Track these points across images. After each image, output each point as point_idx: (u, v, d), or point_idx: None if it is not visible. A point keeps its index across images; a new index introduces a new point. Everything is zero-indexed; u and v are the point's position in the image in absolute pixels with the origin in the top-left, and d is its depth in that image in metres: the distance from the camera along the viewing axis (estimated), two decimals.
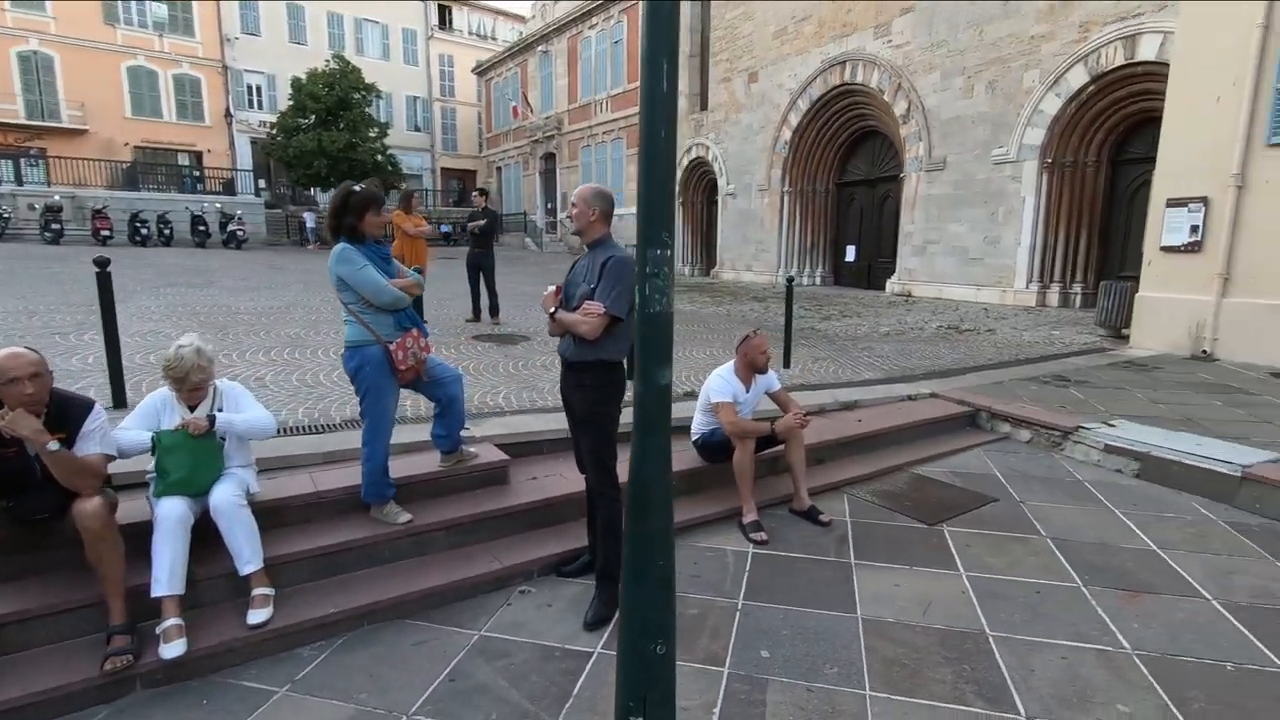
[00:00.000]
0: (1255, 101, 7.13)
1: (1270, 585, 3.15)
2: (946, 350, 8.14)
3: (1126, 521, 3.84)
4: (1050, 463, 4.81)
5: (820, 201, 17.74)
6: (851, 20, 15.26)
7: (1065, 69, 11.22)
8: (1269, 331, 7.13)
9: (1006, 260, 12.48)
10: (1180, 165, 7.82)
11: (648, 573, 1.82)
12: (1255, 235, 7.24)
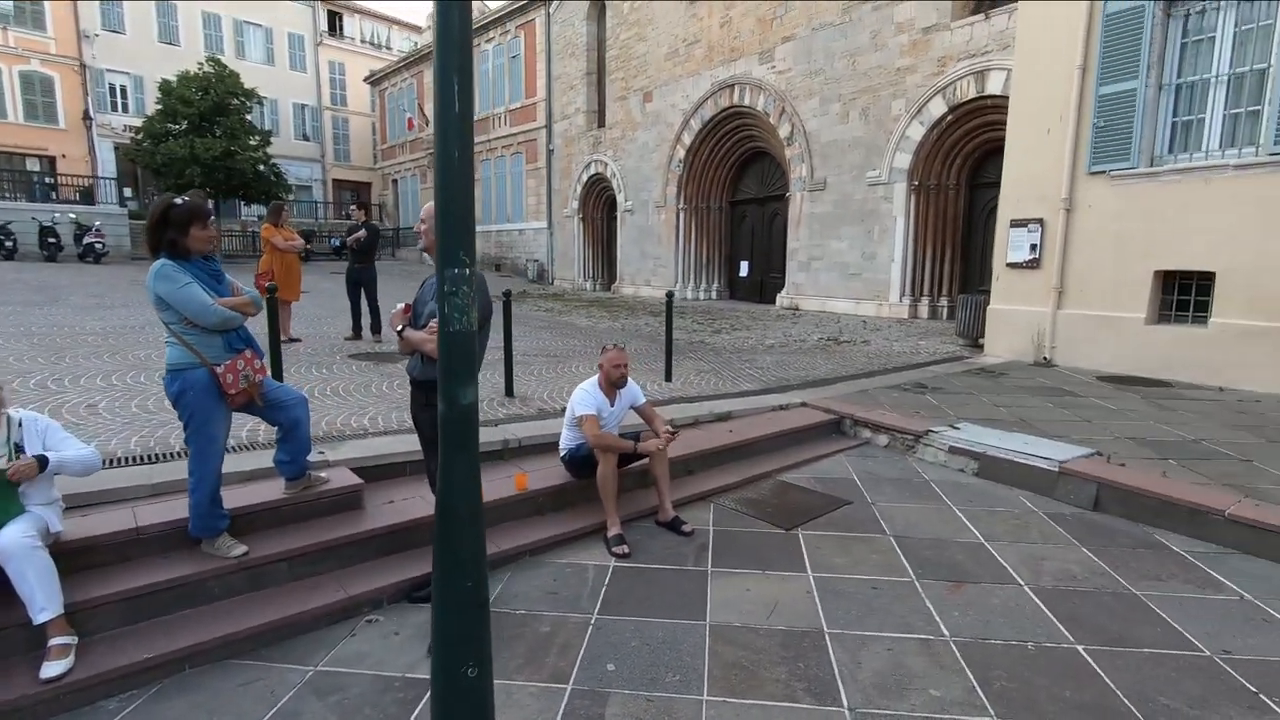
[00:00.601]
0: (1078, 134, 7.99)
1: (1073, 569, 3.50)
2: (823, 361, 8.56)
3: (961, 517, 4.16)
4: (903, 465, 5.14)
5: (714, 218, 18.30)
6: (738, 46, 15.91)
7: (927, 99, 12.16)
8: (1095, 339, 7.96)
9: (882, 275, 13.30)
10: (1020, 190, 8.63)
11: (457, 595, 1.79)
12: (1081, 253, 8.08)
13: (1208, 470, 4.44)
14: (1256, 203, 6.73)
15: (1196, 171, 7.15)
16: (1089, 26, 7.80)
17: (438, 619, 1.82)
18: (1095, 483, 4.27)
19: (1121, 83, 7.60)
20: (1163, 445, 4.98)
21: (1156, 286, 7.56)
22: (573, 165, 22.39)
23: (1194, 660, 2.72)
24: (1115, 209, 7.76)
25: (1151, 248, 7.50)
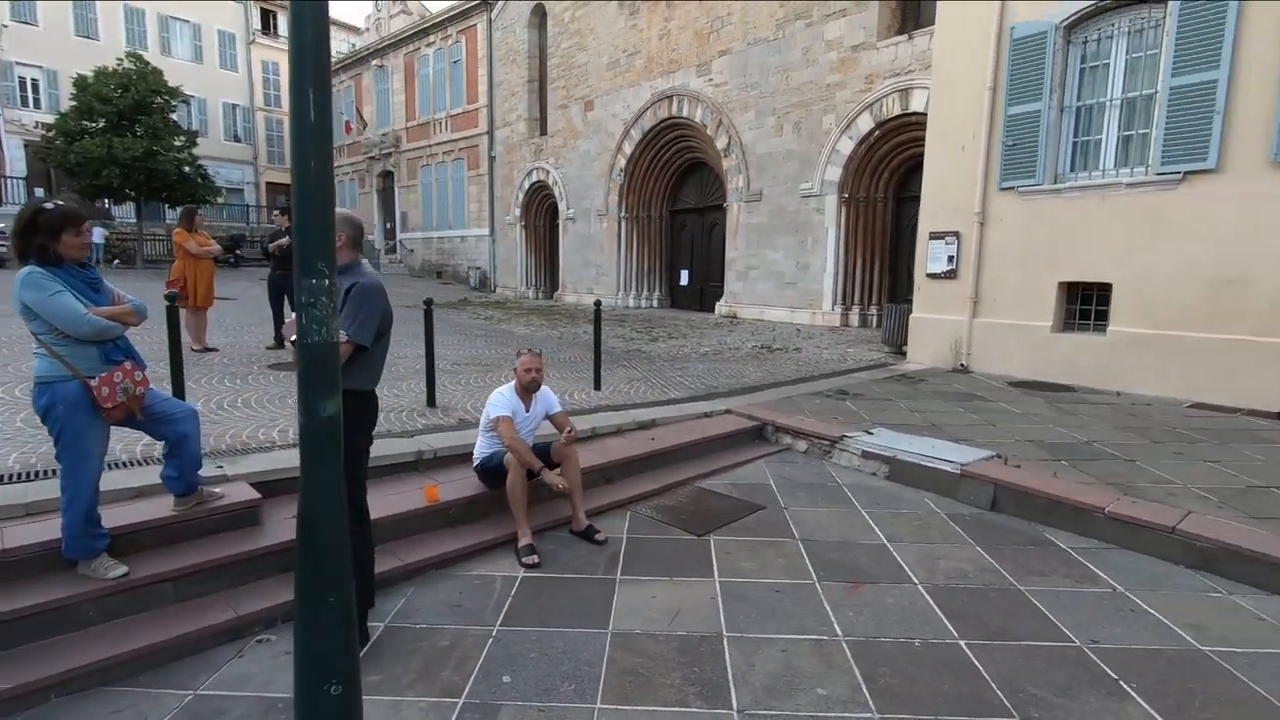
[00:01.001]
0: (989, 152, 8.40)
1: (965, 567, 3.66)
2: (754, 368, 8.72)
3: (868, 519, 4.30)
4: (819, 470, 5.28)
5: (655, 227, 18.45)
6: (677, 58, 16.14)
7: (856, 115, 12.57)
8: (1007, 346, 8.35)
9: (815, 285, 13.66)
10: (938, 204, 9.01)
11: (319, 612, 1.76)
12: (994, 264, 8.48)
13: (1095, 470, 4.71)
14: (1145, 219, 7.21)
15: (1094, 189, 7.60)
16: (998, 50, 8.23)
17: (298, 636, 1.78)
18: (993, 484, 4.48)
19: (1027, 104, 8.03)
20: (1058, 447, 5.26)
21: (1061, 296, 7.99)
22: (515, 172, 22.25)
23: (1064, 650, 2.87)
24: (1024, 223, 8.18)
25: (1056, 260, 7.93)
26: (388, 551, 3.60)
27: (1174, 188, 7.00)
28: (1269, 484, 4.43)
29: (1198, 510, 3.95)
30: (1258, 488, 4.37)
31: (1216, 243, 6.76)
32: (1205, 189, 6.81)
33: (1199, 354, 6.89)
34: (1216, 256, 6.76)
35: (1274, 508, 4.05)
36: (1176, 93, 6.91)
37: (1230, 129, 6.61)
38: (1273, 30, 6.31)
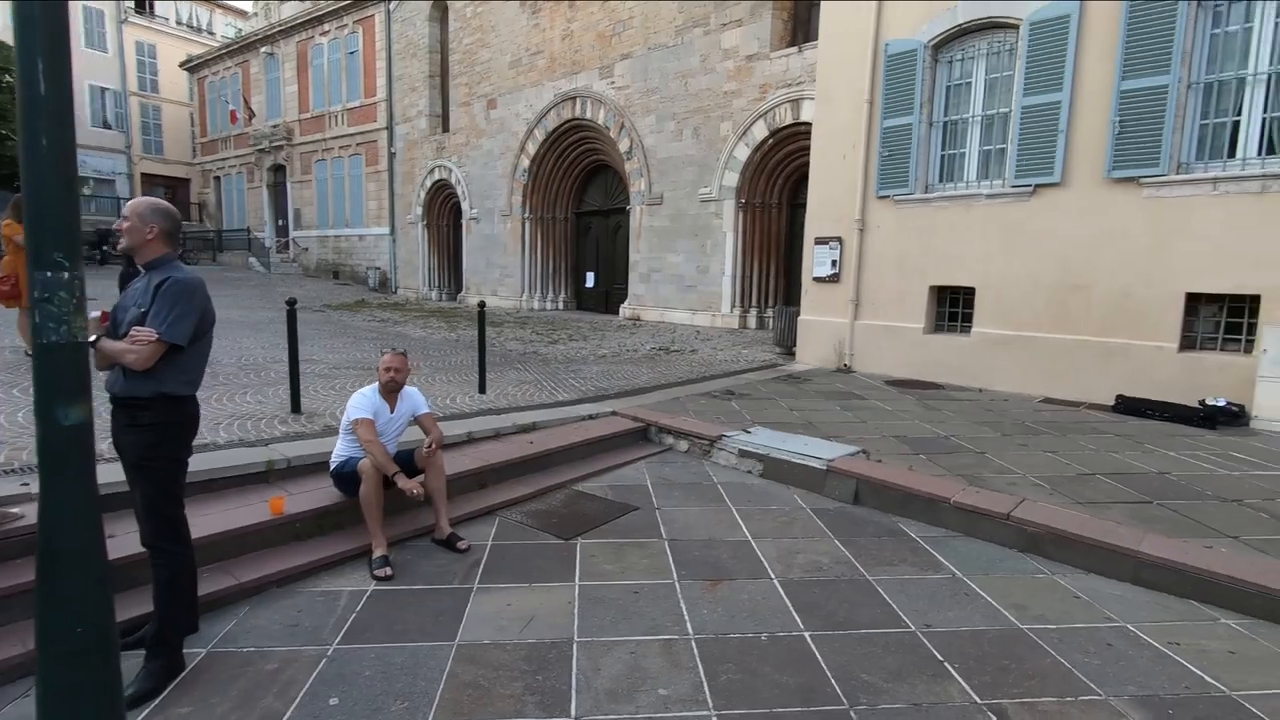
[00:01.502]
0: (868, 161, 8.81)
1: (821, 560, 3.77)
2: (648, 370, 8.77)
3: (736, 517, 4.37)
4: (698, 470, 5.34)
5: (560, 229, 18.31)
6: (579, 60, 16.08)
7: (751, 123, 12.92)
8: (885, 346, 8.78)
9: (715, 287, 13.93)
10: (822, 210, 9.37)
11: (64, 640, 1.57)
12: (873, 269, 8.90)
13: (949, 463, 5.00)
14: (1002, 228, 7.76)
15: (959, 199, 8.12)
16: (874, 66, 8.65)
17: (40, 669, 1.58)
18: (855, 479, 4.66)
19: (901, 118, 8.48)
20: (919, 441, 5.56)
21: (932, 300, 8.49)
22: (416, 170, 21.54)
23: (900, 636, 3.00)
24: (898, 230, 8.63)
25: (927, 265, 8.41)
26: (223, 570, 3.34)
27: (1026, 200, 7.58)
28: (1095, 471, 4.83)
29: (1031, 498, 4.25)
30: (1085, 475, 4.76)
31: (1062, 251, 7.35)
32: (1052, 202, 7.40)
33: (1049, 353, 7.47)
34: (1062, 264, 7.36)
35: (1096, 493, 4.41)
36: (1027, 112, 7.48)
37: (1072, 147, 7.21)
38: (1105, 58, 6.93)
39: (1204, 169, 6.59)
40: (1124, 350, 6.98)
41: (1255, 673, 2.76)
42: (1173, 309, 6.74)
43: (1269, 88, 6.30)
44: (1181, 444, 5.61)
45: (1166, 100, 6.59)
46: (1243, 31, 6.41)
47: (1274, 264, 6.18)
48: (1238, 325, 6.59)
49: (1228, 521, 3.97)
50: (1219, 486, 4.56)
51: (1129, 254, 6.93)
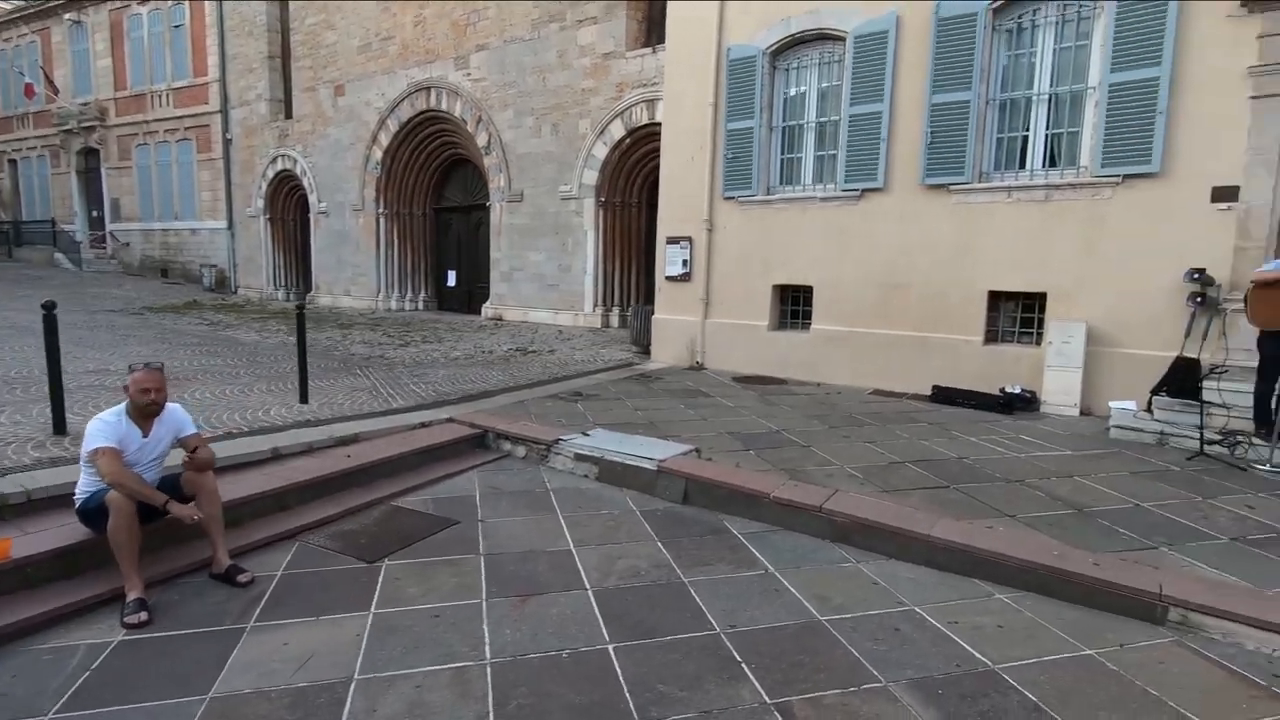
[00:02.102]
0: (714, 163, 9.00)
1: (641, 564, 3.71)
2: (500, 372, 8.47)
3: (563, 525, 4.23)
4: (533, 476, 5.16)
5: (419, 225, 17.46)
6: (433, 48, 15.37)
7: (608, 121, 12.89)
8: (734, 344, 9.02)
9: (577, 286, 13.79)
10: (673, 210, 9.48)
11: None
12: (721, 268, 9.11)
13: (775, 457, 5.14)
14: (835, 230, 8.18)
15: (797, 201, 8.47)
16: (718, 69, 8.84)
17: None
18: (684, 479, 4.67)
19: (743, 121, 8.72)
20: (753, 437, 5.69)
21: (776, 298, 8.81)
22: (256, 158, 19.77)
23: (703, 640, 2.98)
24: (744, 230, 8.88)
25: (770, 265, 8.71)
26: None
27: (855, 203, 8.02)
28: (905, 459, 5.15)
29: (844, 489, 4.44)
30: (896, 463, 5.05)
31: (887, 252, 7.85)
32: (877, 205, 7.88)
33: (877, 348, 7.96)
34: (887, 264, 7.86)
35: (903, 480, 4.68)
36: (854, 120, 7.92)
37: (893, 154, 7.71)
38: (918, 73, 7.45)
39: (1001, 178, 7.26)
40: (939, 344, 7.57)
41: (1016, 645, 2.98)
42: (978, 306, 7.38)
43: (1050, 107, 7.03)
44: (982, 429, 6.13)
45: (969, 114, 7.19)
46: (1029, 56, 7.11)
47: (1056, 265, 6.91)
48: (1031, 320, 7.32)
49: (1009, 502, 4.33)
50: (1006, 469, 4.99)
51: (942, 255, 7.51)
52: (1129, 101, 6.39)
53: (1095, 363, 6.72)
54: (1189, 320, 6.23)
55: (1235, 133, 6.01)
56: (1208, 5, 6.06)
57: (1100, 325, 6.71)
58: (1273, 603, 3.09)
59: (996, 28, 7.16)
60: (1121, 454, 5.43)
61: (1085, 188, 6.71)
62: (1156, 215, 6.39)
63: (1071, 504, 4.31)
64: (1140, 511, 4.21)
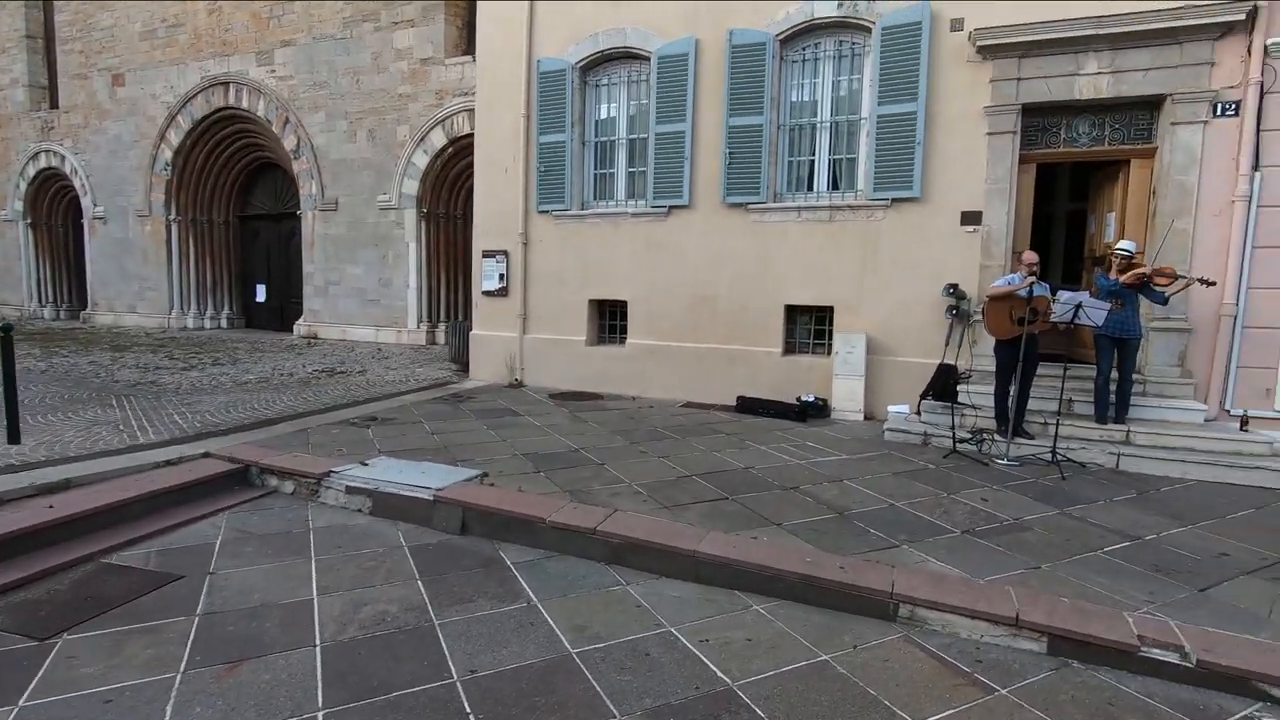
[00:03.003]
0: (528, 176, 8.82)
1: (391, 609, 3.37)
2: (292, 397, 7.70)
3: (313, 570, 3.78)
4: (297, 515, 4.62)
5: (220, 234, 15.75)
6: (231, 40, 13.97)
7: (429, 129, 12.34)
8: (553, 360, 8.85)
9: (399, 302, 13.02)
10: (489, 223, 9.17)
11: None
12: (539, 283, 8.92)
13: (564, 477, 5.00)
14: (646, 245, 8.28)
15: (610, 216, 8.49)
16: (529, 81, 8.69)
17: None
18: (462, 507, 4.38)
19: (555, 134, 8.62)
20: (548, 457, 5.52)
21: (593, 313, 8.76)
22: (12, 153, 16.95)
23: (433, 693, 2.71)
24: (559, 245, 8.76)
25: (586, 280, 8.66)
26: None
27: (664, 219, 8.17)
28: (695, 472, 5.20)
29: (625, 507, 4.37)
30: (684, 477, 5.09)
31: (694, 268, 8.06)
32: (685, 222, 8.08)
33: (688, 361, 8.13)
34: (695, 279, 8.06)
35: (686, 494, 4.71)
36: (660, 138, 8.08)
37: (696, 173, 7.94)
38: (716, 95, 7.74)
39: (792, 198, 7.70)
40: (743, 356, 7.86)
41: (759, 658, 3.00)
42: (777, 319, 7.75)
43: (831, 134, 7.57)
44: (776, 437, 6.39)
45: (762, 138, 7.57)
46: (813, 86, 7.63)
47: (841, 281, 7.42)
48: (823, 332, 7.81)
49: (780, 510, 4.47)
50: (786, 476, 5.19)
51: (743, 271, 7.82)
52: (893, 132, 7.02)
53: (876, 370, 7.27)
54: (948, 330, 6.91)
55: (977, 164, 6.78)
56: (952, 50, 6.80)
57: (879, 335, 7.28)
58: (982, 592, 3.37)
59: (785, 58, 7.61)
60: (890, 455, 5.87)
61: (861, 209, 7.28)
62: (920, 236, 7.06)
63: (835, 508, 4.53)
64: (893, 511, 4.51)
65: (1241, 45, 5.95)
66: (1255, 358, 6.06)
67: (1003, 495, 4.89)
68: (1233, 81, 6.01)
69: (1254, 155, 5.95)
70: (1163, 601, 3.38)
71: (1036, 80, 6.53)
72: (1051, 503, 4.75)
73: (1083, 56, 6.38)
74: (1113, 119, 6.62)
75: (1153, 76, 6.21)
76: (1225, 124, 6.05)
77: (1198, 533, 4.28)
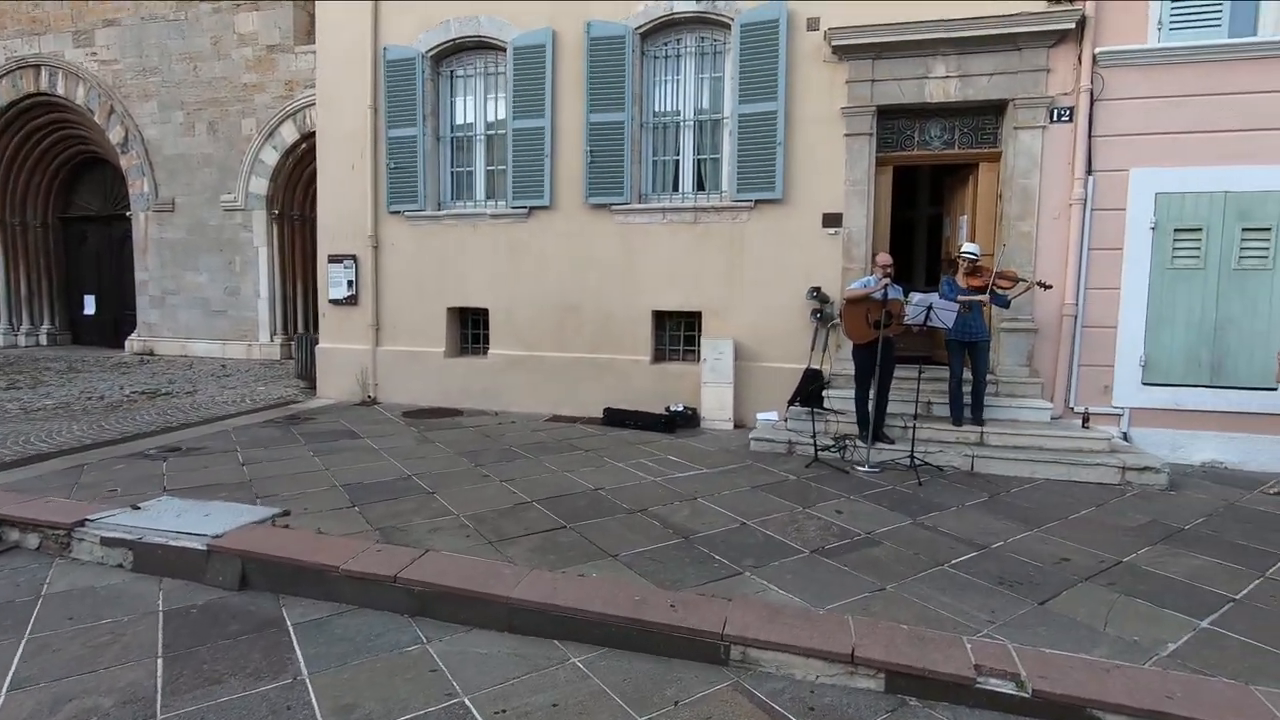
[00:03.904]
0: (377, 173, 8.05)
1: (103, 704, 2.64)
2: (86, 425, 6.59)
3: (18, 653, 2.98)
4: (35, 575, 3.75)
5: (36, 238, 13.82)
6: (42, 18, 12.26)
7: (278, 123, 11.24)
8: (410, 374, 8.11)
9: (249, 313, 11.79)
10: (335, 225, 8.32)
11: None
12: (392, 290, 8.16)
13: (383, 512, 4.36)
14: (507, 248, 7.72)
15: (468, 217, 7.87)
16: (375, 70, 7.94)
17: None
18: (241, 557, 3.67)
19: (406, 128, 7.91)
20: (372, 488, 4.85)
21: (453, 322, 8.09)
22: None
23: None
24: (413, 248, 8.05)
25: (443, 286, 7.98)
26: None
27: (525, 221, 7.64)
28: (535, 498, 4.69)
29: (443, 545, 3.81)
30: (522, 505, 4.56)
31: (559, 272, 7.57)
32: (547, 224, 7.58)
33: (555, 371, 7.63)
34: (560, 284, 7.58)
35: (519, 526, 4.19)
36: (519, 134, 7.55)
37: (558, 172, 7.47)
38: (576, 90, 7.31)
39: (658, 199, 7.37)
40: (612, 365, 7.45)
41: None
42: (645, 325, 7.39)
43: (696, 134, 7.31)
44: (638, 452, 5.99)
45: (624, 135, 7.20)
46: (676, 82, 7.34)
47: (708, 285, 7.15)
48: (692, 338, 7.52)
49: (621, 538, 4.04)
50: (637, 497, 4.78)
51: (609, 276, 7.42)
52: (755, 132, 6.82)
53: (745, 377, 7.04)
54: (814, 334, 6.77)
55: (837, 166, 6.69)
56: (809, 49, 6.68)
57: (747, 341, 7.06)
58: (819, 625, 3.05)
59: (646, 53, 7.28)
60: (752, 467, 5.60)
61: (726, 211, 7.04)
62: (784, 238, 6.89)
63: (683, 531, 4.15)
64: (743, 531, 4.18)
65: (1073, 53, 6.13)
66: (1094, 356, 6.25)
67: (858, 506, 4.68)
68: (1066, 89, 6.18)
69: (1087, 160, 6.14)
70: (1004, 620, 3.19)
71: (890, 83, 6.51)
72: (906, 511, 4.58)
73: (932, 60, 6.41)
74: (962, 123, 6.70)
75: (996, 81, 6.31)
76: (1061, 129, 6.21)
77: (1041, 537, 4.21)
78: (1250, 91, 5.81)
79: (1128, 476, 5.33)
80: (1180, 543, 4.19)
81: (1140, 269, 6.12)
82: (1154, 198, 6.05)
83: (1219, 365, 6.02)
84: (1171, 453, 6.06)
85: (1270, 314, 5.90)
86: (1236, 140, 5.84)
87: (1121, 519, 4.59)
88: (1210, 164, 5.91)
